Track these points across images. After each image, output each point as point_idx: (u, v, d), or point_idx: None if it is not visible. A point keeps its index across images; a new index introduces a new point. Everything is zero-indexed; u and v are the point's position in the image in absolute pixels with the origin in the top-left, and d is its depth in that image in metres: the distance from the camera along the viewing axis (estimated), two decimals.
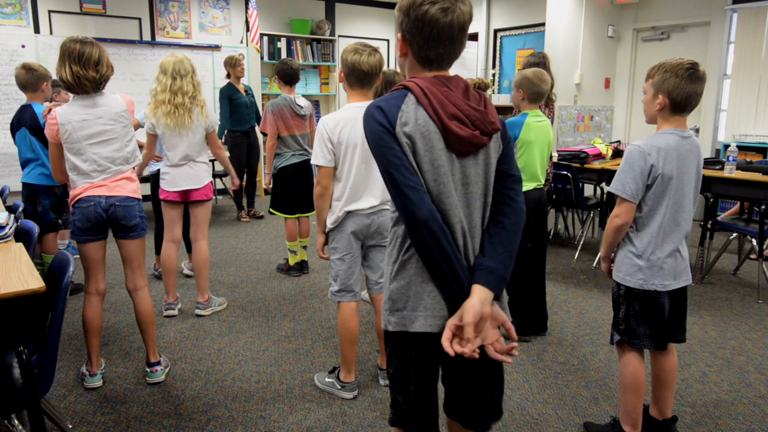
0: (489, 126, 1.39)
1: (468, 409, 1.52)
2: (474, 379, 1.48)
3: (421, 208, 1.32)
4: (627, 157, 2.09)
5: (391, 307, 1.46)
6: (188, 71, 3.32)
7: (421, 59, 1.39)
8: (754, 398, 2.71)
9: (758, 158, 5.70)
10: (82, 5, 6.87)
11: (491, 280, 1.36)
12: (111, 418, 2.50)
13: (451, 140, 1.36)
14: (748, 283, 4.37)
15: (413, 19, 1.33)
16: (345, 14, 8.84)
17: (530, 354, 3.15)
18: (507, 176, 1.46)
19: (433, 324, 1.41)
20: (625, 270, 2.16)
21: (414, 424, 1.50)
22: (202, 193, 3.51)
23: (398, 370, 1.49)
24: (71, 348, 3.19)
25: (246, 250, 5.27)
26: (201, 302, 3.70)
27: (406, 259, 1.42)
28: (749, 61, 6.08)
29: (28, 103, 3.86)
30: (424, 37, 1.34)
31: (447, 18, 1.31)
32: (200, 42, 7.63)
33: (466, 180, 1.40)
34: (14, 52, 6.49)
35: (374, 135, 1.36)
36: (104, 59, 2.59)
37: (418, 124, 1.34)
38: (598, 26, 7.06)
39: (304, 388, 2.77)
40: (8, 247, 2.22)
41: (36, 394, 1.80)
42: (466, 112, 1.36)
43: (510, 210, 1.45)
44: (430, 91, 1.35)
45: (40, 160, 3.84)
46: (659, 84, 2.04)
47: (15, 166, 6.54)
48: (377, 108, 1.37)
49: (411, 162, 1.34)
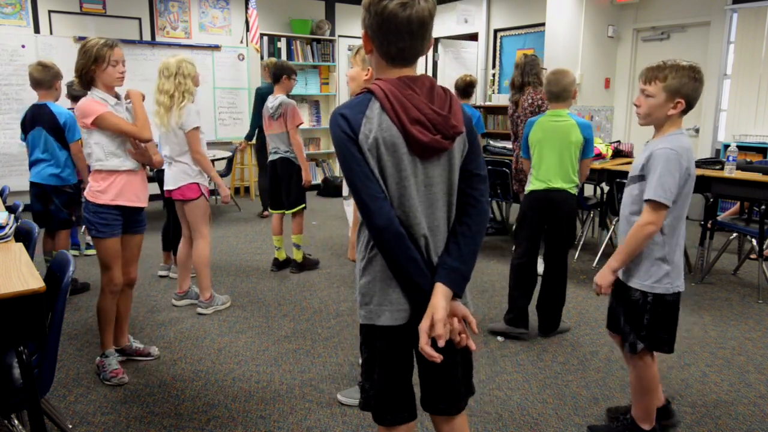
0: (451, 130, 1.42)
1: (443, 397, 1.60)
2: (446, 369, 1.54)
3: (380, 216, 1.39)
4: (665, 162, 2.00)
5: (361, 301, 1.53)
6: (172, 72, 3.41)
7: (384, 55, 1.42)
8: (754, 398, 2.71)
9: (758, 158, 5.69)
10: (82, 5, 6.87)
11: (454, 279, 1.44)
12: (111, 418, 2.50)
13: (413, 145, 1.40)
14: (748, 283, 4.37)
15: (374, 14, 1.37)
16: (345, 14, 8.84)
17: (530, 354, 3.15)
18: (472, 176, 1.50)
19: (398, 317, 1.48)
20: (654, 277, 2.11)
21: (377, 410, 1.59)
22: (178, 193, 3.55)
23: (366, 359, 1.59)
24: (71, 348, 3.19)
25: (246, 250, 5.27)
26: (202, 300, 3.72)
27: (372, 256, 1.49)
28: (749, 61, 6.08)
29: (42, 102, 3.83)
30: (384, 33, 1.38)
31: (405, 13, 1.34)
32: (200, 42, 7.63)
33: (429, 181, 1.45)
34: (14, 52, 6.49)
35: (338, 142, 1.41)
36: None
37: (381, 129, 1.38)
38: (598, 26, 7.06)
39: (304, 388, 2.77)
40: (8, 247, 2.22)
41: (36, 394, 1.80)
42: (428, 117, 1.39)
43: (474, 211, 1.50)
44: (393, 95, 1.38)
45: (53, 160, 3.84)
46: (677, 88, 2.00)
47: (15, 166, 6.54)
48: (341, 115, 1.40)
49: (372, 169, 1.39)
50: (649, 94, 2.05)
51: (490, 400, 2.64)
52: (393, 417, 1.59)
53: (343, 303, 3.88)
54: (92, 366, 2.94)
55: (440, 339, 1.38)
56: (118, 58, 2.68)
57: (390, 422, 1.59)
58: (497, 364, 2.99)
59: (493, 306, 3.86)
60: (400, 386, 1.58)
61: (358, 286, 1.54)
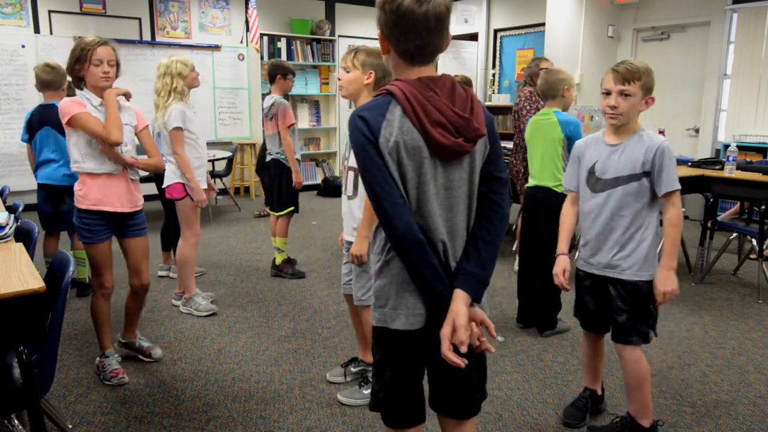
0: (473, 132, 1.39)
1: (457, 401, 1.57)
2: (461, 373, 1.52)
3: (399, 222, 1.36)
4: (669, 154, 2.13)
5: (375, 304, 1.52)
6: (162, 72, 3.52)
7: (402, 53, 1.39)
8: (754, 398, 2.71)
9: (758, 158, 5.69)
10: (82, 5, 6.87)
11: (473, 284, 1.42)
12: (111, 418, 2.50)
13: (435, 148, 1.37)
14: (748, 283, 4.37)
15: (389, 12, 1.34)
16: (345, 14, 8.83)
17: (530, 354, 3.15)
18: (493, 179, 1.47)
19: (414, 322, 1.46)
20: (655, 265, 2.19)
21: (387, 412, 1.58)
22: (167, 192, 3.60)
23: (378, 361, 1.58)
24: (71, 348, 3.19)
25: (246, 250, 5.27)
26: (176, 293, 3.82)
27: (389, 259, 1.47)
28: (749, 61, 6.08)
29: (50, 103, 3.80)
30: (401, 30, 1.35)
31: (422, 8, 1.32)
32: (200, 42, 7.63)
33: (449, 184, 1.42)
34: (14, 52, 6.49)
35: (357, 145, 1.38)
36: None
37: (402, 133, 1.35)
38: (598, 26, 7.06)
39: (304, 388, 2.77)
40: (8, 247, 2.22)
41: (36, 394, 1.80)
42: (450, 119, 1.36)
43: (495, 216, 1.47)
44: (414, 96, 1.35)
45: (64, 159, 3.82)
46: (650, 86, 2.13)
47: (15, 166, 6.54)
48: (360, 118, 1.37)
49: (392, 173, 1.36)
50: (630, 93, 2.11)
51: (490, 400, 2.64)
52: (403, 419, 1.58)
53: (343, 303, 3.88)
54: (92, 366, 2.94)
55: (462, 345, 1.37)
56: (101, 57, 2.55)
57: (399, 425, 1.58)
58: (497, 364, 2.99)
59: (492, 306, 3.85)
60: (411, 389, 1.57)
61: (373, 288, 1.53)
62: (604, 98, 2.18)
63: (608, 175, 2.20)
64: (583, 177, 2.29)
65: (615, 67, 2.14)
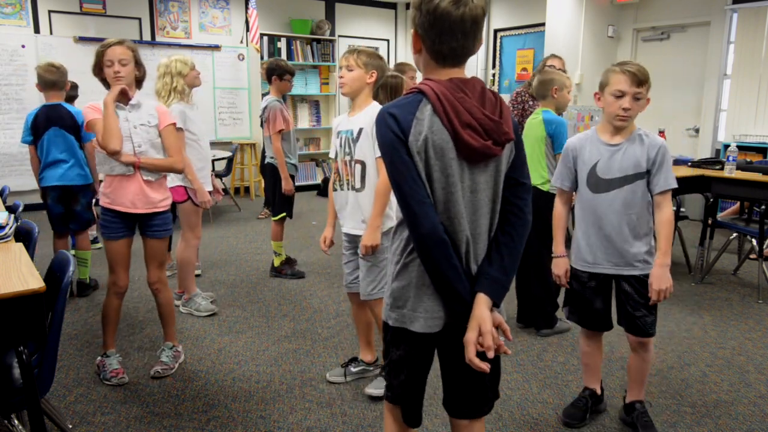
0: (503, 136, 1.39)
1: (470, 401, 1.58)
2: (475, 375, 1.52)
3: (425, 222, 1.35)
4: (667, 153, 2.18)
5: (392, 304, 1.52)
6: (162, 72, 3.53)
7: (435, 54, 1.38)
8: (754, 398, 2.71)
9: (758, 158, 5.69)
10: (82, 5, 6.87)
11: (495, 289, 1.42)
12: (111, 418, 2.50)
13: (463, 150, 1.37)
14: (748, 283, 4.37)
15: (425, 13, 1.33)
16: (345, 14, 8.84)
17: (530, 354, 3.15)
18: (518, 184, 1.47)
19: (432, 325, 1.47)
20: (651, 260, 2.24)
21: (404, 402, 1.63)
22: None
23: (394, 360, 1.58)
24: (71, 348, 3.19)
25: (246, 250, 5.27)
26: (175, 293, 3.79)
27: (409, 261, 1.47)
28: (749, 61, 6.08)
29: (55, 103, 3.80)
30: (436, 31, 1.34)
31: (459, 11, 1.31)
32: (200, 42, 7.63)
33: (475, 187, 1.42)
34: (14, 52, 6.49)
35: (385, 142, 1.37)
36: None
37: (432, 132, 1.35)
38: (598, 26, 7.06)
39: (304, 388, 2.77)
40: (8, 247, 2.22)
41: (36, 394, 1.80)
42: (480, 121, 1.36)
43: (519, 222, 1.48)
44: (445, 97, 1.35)
45: (75, 159, 3.82)
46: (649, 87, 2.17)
47: (15, 166, 6.54)
48: (390, 114, 1.36)
49: (420, 172, 1.36)
50: (642, 95, 2.13)
51: None
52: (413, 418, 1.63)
53: (343, 303, 3.88)
54: (92, 366, 2.94)
55: (489, 351, 1.37)
56: (111, 58, 2.62)
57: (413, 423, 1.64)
58: None
59: None
60: (421, 387, 1.62)
61: (390, 289, 1.52)
62: (615, 100, 2.12)
63: (613, 175, 2.21)
64: (582, 177, 2.29)
65: (627, 68, 2.10)
